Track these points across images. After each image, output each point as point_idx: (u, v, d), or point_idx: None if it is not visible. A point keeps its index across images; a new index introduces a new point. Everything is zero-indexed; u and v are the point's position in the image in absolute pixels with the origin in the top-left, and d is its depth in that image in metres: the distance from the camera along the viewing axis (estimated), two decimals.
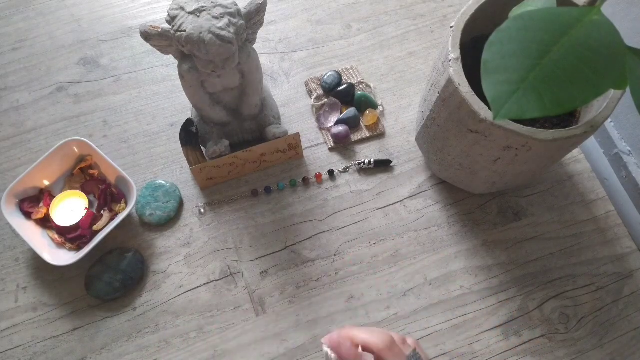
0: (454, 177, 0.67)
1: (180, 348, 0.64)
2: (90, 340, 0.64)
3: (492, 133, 0.51)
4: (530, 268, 0.68)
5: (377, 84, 0.80)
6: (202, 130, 0.71)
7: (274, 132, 0.70)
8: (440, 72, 0.56)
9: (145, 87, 0.80)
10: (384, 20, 0.86)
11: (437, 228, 0.70)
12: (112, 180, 0.71)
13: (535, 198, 0.72)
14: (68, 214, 0.68)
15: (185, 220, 0.71)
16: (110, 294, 0.65)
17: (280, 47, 0.84)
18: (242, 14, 0.57)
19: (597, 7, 0.40)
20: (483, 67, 0.38)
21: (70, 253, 0.66)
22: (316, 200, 0.72)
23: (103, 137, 0.76)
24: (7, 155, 0.75)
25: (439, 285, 0.67)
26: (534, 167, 0.57)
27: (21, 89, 0.80)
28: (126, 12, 0.87)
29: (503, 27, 0.39)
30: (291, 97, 0.80)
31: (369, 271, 0.68)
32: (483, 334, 0.65)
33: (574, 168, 0.74)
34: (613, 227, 0.71)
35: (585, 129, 0.50)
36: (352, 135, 0.76)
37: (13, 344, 0.64)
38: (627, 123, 0.74)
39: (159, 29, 0.56)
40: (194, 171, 0.69)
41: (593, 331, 0.65)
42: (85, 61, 0.83)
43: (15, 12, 0.87)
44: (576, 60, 0.37)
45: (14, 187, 0.67)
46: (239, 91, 0.66)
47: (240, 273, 0.68)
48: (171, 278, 0.68)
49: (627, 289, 0.67)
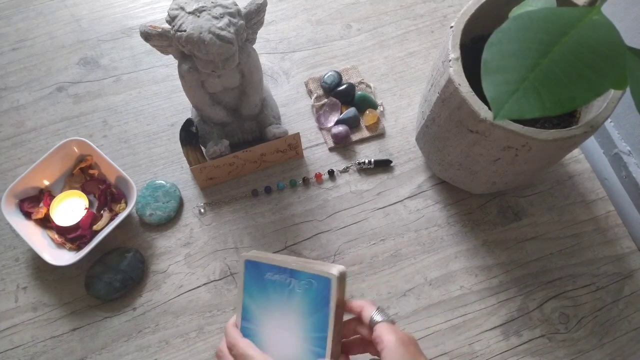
0: (454, 177, 0.67)
1: (180, 348, 0.64)
2: (90, 340, 0.64)
3: (492, 133, 0.51)
4: (530, 268, 0.68)
5: (377, 84, 0.80)
6: (202, 130, 0.71)
7: (274, 132, 0.70)
8: (440, 72, 0.56)
9: (145, 87, 0.80)
10: (384, 20, 0.86)
11: (437, 228, 0.70)
12: (112, 180, 0.71)
13: (535, 198, 0.72)
14: (68, 214, 0.68)
15: (185, 220, 0.71)
16: (110, 294, 0.65)
17: (280, 47, 0.84)
18: (242, 14, 0.57)
19: (597, 7, 0.40)
20: (483, 67, 0.38)
21: (70, 253, 0.66)
22: (316, 200, 0.72)
23: (103, 137, 0.76)
24: (7, 155, 0.75)
25: (439, 285, 0.67)
26: (534, 167, 0.57)
27: (21, 89, 0.80)
28: (126, 12, 0.87)
29: (503, 27, 0.39)
30: (291, 97, 0.80)
31: (369, 271, 0.68)
32: (483, 334, 0.65)
33: (574, 168, 0.74)
34: (613, 227, 0.71)
35: (585, 129, 0.50)
36: (352, 135, 0.76)
37: (13, 344, 0.64)
38: (627, 123, 0.74)
39: (159, 29, 0.56)
40: (194, 171, 0.69)
41: (593, 331, 0.65)
42: (85, 61, 0.83)
43: (15, 12, 0.87)
44: (576, 60, 0.37)
45: (14, 187, 0.67)
46: (239, 91, 0.66)
47: (240, 273, 0.68)
48: (171, 278, 0.68)
49: (627, 289, 0.67)
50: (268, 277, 0.58)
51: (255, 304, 0.57)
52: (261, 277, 0.57)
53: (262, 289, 0.57)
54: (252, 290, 0.57)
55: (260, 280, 0.57)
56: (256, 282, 0.57)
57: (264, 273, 0.57)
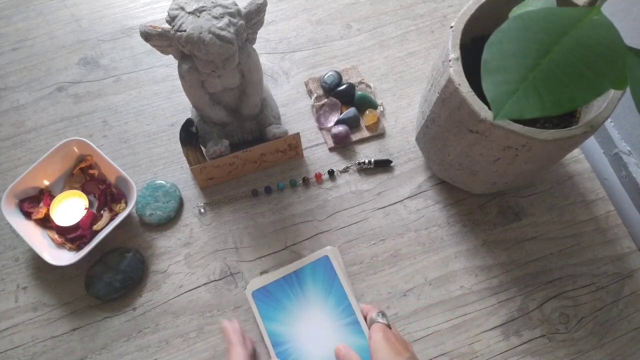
0: (454, 177, 0.67)
1: (180, 348, 0.64)
2: (90, 340, 0.64)
3: (492, 133, 0.51)
4: (530, 268, 0.68)
5: (377, 84, 0.80)
6: (202, 130, 0.71)
7: (274, 132, 0.70)
8: (440, 72, 0.56)
9: (145, 87, 0.80)
10: (384, 20, 0.86)
11: (437, 228, 0.70)
12: (112, 180, 0.71)
13: (535, 198, 0.72)
14: (68, 214, 0.68)
15: (185, 220, 0.71)
16: (110, 294, 0.65)
17: (280, 47, 0.84)
18: (242, 14, 0.57)
19: (597, 7, 0.40)
20: (483, 67, 0.38)
21: (70, 253, 0.66)
22: (316, 200, 0.72)
23: (103, 137, 0.76)
24: (7, 155, 0.75)
25: (439, 285, 0.67)
26: (534, 167, 0.57)
27: (21, 89, 0.80)
28: (126, 12, 0.87)
29: (503, 27, 0.39)
30: (291, 97, 0.80)
31: (369, 271, 0.68)
32: (483, 334, 0.65)
33: (574, 168, 0.74)
34: (613, 227, 0.71)
35: (585, 129, 0.50)
36: (352, 135, 0.76)
37: (13, 344, 0.64)
38: (627, 123, 0.74)
39: (159, 29, 0.56)
40: (194, 171, 0.69)
41: (593, 331, 0.65)
42: (85, 61, 0.83)
43: (15, 12, 0.87)
44: (576, 60, 0.37)
45: (14, 187, 0.67)
46: (239, 91, 0.66)
47: (240, 273, 0.68)
48: (171, 278, 0.68)
49: (627, 289, 0.67)
50: (278, 291, 0.63)
51: (278, 322, 0.63)
52: (271, 296, 0.63)
53: (277, 305, 0.65)
54: (269, 314, 0.63)
55: (272, 299, 0.64)
56: (269, 304, 0.65)
57: (272, 292, 0.63)
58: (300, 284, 0.64)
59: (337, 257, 0.66)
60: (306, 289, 0.64)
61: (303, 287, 0.64)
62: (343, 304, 0.63)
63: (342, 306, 0.62)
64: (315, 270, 0.65)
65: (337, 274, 0.64)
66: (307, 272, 0.65)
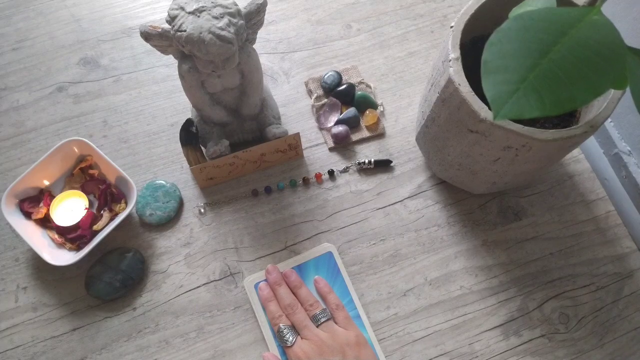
0: (454, 177, 0.67)
1: (180, 348, 0.64)
2: (90, 340, 0.64)
3: (492, 133, 0.51)
4: (530, 268, 0.68)
5: (377, 84, 0.80)
6: (202, 130, 0.71)
7: (274, 132, 0.70)
8: (440, 72, 0.56)
9: (145, 87, 0.80)
10: (384, 20, 0.86)
11: (437, 228, 0.70)
12: (112, 180, 0.71)
13: (535, 198, 0.72)
14: (68, 214, 0.68)
15: (185, 220, 0.71)
16: (110, 294, 0.65)
17: (280, 47, 0.84)
18: (242, 14, 0.57)
19: (597, 7, 0.40)
20: (483, 67, 0.38)
21: (70, 253, 0.66)
22: (316, 200, 0.72)
23: (103, 137, 0.76)
24: (7, 155, 0.75)
25: (439, 285, 0.67)
26: (534, 167, 0.58)
27: (21, 89, 0.80)
28: (126, 12, 0.87)
29: (503, 27, 0.39)
30: (291, 97, 0.80)
31: (368, 271, 0.68)
32: (483, 334, 0.65)
33: (574, 168, 0.74)
34: (613, 227, 0.71)
35: (585, 129, 0.50)
36: (352, 135, 0.76)
37: (13, 344, 0.64)
38: (627, 123, 0.74)
39: (159, 29, 0.56)
40: (194, 171, 0.69)
41: (593, 331, 0.65)
42: (85, 61, 0.83)
43: (15, 12, 0.87)
44: (576, 60, 0.37)
45: (14, 187, 0.67)
46: (239, 91, 0.66)
47: (240, 273, 0.68)
48: (171, 278, 0.68)
49: (627, 289, 0.67)
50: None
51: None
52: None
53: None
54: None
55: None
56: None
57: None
58: (303, 279, 0.66)
59: (339, 254, 0.68)
60: (309, 284, 0.66)
61: (306, 282, 0.65)
62: (345, 299, 0.64)
63: (345, 301, 0.64)
64: (319, 266, 0.67)
65: (341, 271, 0.66)
66: (310, 267, 0.67)
